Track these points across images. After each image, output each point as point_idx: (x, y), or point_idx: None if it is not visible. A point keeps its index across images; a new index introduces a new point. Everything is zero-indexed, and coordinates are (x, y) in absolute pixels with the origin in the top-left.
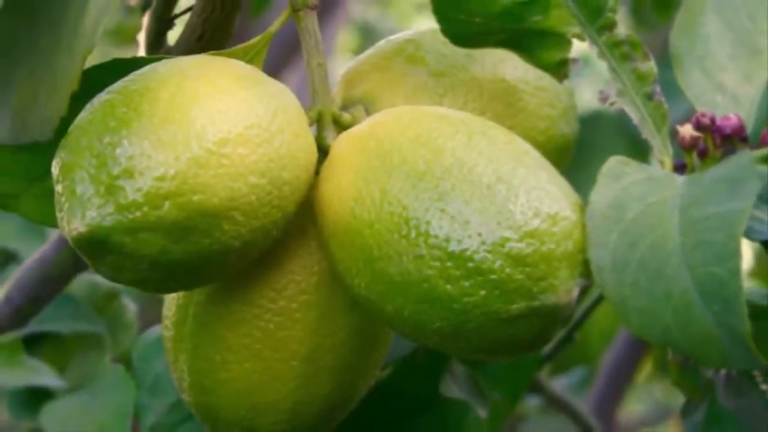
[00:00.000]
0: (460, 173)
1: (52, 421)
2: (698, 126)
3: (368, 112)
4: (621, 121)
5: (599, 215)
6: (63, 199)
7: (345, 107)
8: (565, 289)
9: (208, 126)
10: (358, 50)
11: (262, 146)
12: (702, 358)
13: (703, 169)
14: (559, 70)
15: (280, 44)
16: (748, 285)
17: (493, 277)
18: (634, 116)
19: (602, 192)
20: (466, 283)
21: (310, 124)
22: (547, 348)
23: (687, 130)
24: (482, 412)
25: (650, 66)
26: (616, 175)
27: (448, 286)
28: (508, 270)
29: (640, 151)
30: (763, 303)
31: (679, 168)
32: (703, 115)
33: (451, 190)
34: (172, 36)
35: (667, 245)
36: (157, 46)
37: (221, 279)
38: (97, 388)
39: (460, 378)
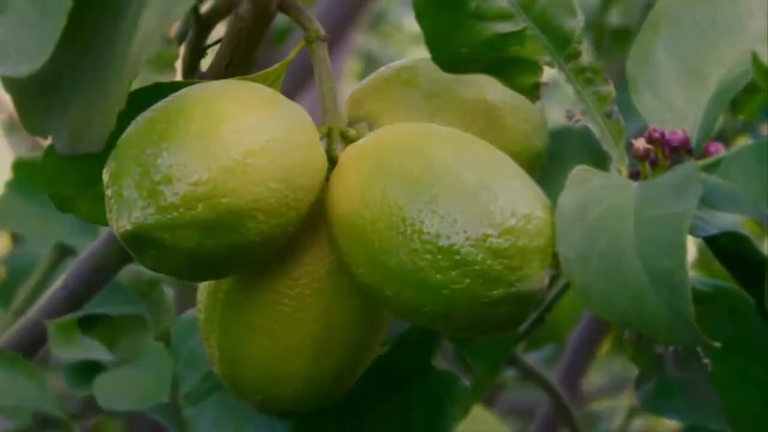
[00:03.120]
0: (449, 180)
1: (103, 390)
2: (650, 139)
3: (371, 128)
4: (585, 136)
5: (566, 215)
6: (112, 201)
7: (351, 124)
8: (537, 277)
9: (236, 140)
10: (362, 75)
11: (281, 157)
12: (654, 336)
13: (655, 176)
14: (533, 92)
15: (296, 71)
16: (693, 274)
17: (476, 267)
18: (596, 131)
19: (569, 195)
20: (454, 273)
21: (321, 138)
22: (523, 327)
23: (640, 143)
24: (467, 382)
25: (609, 89)
26: (581, 181)
27: (438, 276)
28: (489, 261)
29: (600, 161)
30: (705, 290)
31: (634, 175)
32: (654, 131)
33: (440, 194)
34: (205, 63)
35: (623, 241)
36: (192, 72)
37: (246, 270)
38: (142, 362)
39: (448, 353)
